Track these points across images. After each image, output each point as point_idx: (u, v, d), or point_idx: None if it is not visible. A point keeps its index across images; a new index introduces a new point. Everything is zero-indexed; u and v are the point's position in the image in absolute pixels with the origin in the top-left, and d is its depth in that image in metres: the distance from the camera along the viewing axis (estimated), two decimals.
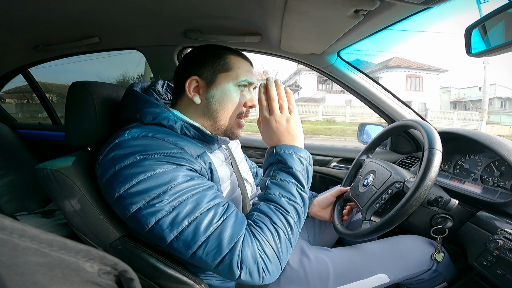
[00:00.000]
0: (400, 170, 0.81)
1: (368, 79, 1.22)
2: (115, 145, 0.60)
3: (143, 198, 0.54)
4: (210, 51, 0.72)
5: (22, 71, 1.66)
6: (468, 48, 0.66)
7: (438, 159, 0.68)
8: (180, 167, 0.57)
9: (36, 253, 0.17)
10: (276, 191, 0.63)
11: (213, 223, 0.55)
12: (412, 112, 1.23)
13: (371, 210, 0.80)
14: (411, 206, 0.67)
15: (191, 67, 0.71)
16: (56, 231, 1.31)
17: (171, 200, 0.54)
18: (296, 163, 0.64)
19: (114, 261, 0.20)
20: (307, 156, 0.67)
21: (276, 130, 0.66)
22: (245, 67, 0.72)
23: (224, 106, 0.70)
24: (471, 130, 0.90)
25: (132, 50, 1.31)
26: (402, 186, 0.75)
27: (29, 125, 1.92)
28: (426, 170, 0.67)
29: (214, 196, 0.58)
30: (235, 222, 0.57)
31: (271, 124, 0.66)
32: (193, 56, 0.73)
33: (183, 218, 0.54)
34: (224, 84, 0.70)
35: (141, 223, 0.55)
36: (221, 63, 0.70)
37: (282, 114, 0.67)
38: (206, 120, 0.72)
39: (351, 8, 0.68)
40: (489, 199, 0.79)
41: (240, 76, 0.70)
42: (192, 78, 0.70)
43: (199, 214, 0.54)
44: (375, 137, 1.01)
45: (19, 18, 0.98)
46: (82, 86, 0.72)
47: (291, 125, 0.66)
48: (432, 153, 0.68)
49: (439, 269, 0.83)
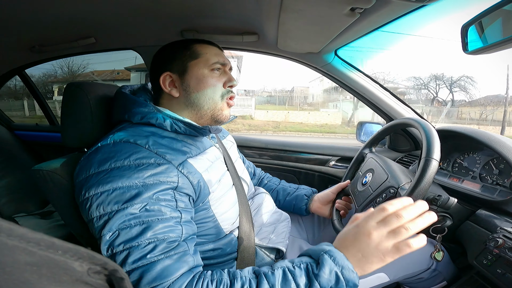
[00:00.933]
0: (397, 173, 0.79)
1: (366, 78, 1.21)
2: (96, 149, 0.61)
3: (99, 210, 0.55)
4: (176, 45, 0.74)
5: (18, 72, 1.66)
6: (464, 46, 0.66)
7: (433, 169, 0.66)
8: (148, 187, 0.56)
9: (24, 252, 0.17)
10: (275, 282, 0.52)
11: (143, 258, 0.52)
12: (410, 110, 1.23)
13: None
14: None
15: (161, 64, 0.73)
16: (53, 232, 1.31)
17: (120, 222, 0.53)
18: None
19: (104, 261, 0.20)
20: None
21: (374, 248, 0.50)
22: (213, 51, 0.74)
23: (202, 92, 0.71)
24: (470, 128, 0.90)
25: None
26: (396, 192, 0.74)
27: (26, 127, 1.91)
28: (418, 181, 0.65)
29: (165, 230, 0.54)
30: (169, 266, 0.52)
31: (372, 237, 0.50)
32: (161, 54, 0.75)
33: (121, 243, 0.52)
34: (197, 70, 0.71)
35: (92, 230, 0.57)
36: (188, 53, 0.72)
37: (398, 237, 0.50)
38: (191, 110, 0.73)
39: (347, 6, 0.68)
40: (488, 197, 0.78)
41: (210, 60, 0.72)
42: (165, 74, 0.72)
43: (136, 244, 0.52)
44: (379, 131, 0.99)
45: (15, 19, 0.97)
46: (77, 87, 0.72)
47: (392, 254, 0.50)
48: (427, 163, 0.66)
49: (438, 268, 0.83)
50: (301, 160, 1.45)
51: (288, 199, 1.02)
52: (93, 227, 0.56)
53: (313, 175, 1.41)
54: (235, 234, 0.75)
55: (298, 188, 1.05)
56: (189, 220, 0.61)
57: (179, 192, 0.60)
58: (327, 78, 1.29)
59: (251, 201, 0.85)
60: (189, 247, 0.57)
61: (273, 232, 0.83)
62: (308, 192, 1.02)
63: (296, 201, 1.01)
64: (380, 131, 0.98)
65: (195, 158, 0.67)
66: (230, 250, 0.73)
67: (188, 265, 0.55)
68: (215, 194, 0.69)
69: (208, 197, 0.67)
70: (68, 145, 0.73)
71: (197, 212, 0.66)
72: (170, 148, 0.63)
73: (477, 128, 0.95)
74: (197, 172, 0.64)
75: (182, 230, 0.57)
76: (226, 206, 0.72)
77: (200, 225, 0.67)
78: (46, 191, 0.68)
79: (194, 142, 0.71)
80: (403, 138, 1.26)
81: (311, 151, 1.45)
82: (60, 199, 0.67)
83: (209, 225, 0.69)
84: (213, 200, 0.69)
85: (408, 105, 1.23)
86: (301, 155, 1.46)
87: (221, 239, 0.71)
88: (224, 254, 0.72)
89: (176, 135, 0.68)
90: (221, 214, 0.71)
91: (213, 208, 0.69)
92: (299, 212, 1.00)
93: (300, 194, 1.01)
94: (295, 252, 0.85)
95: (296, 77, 42.42)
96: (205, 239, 0.69)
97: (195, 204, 0.65)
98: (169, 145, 0.64)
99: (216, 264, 0.71)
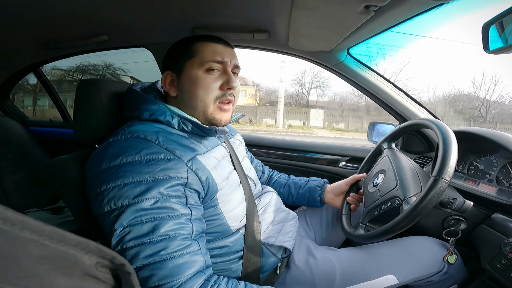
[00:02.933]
0: (408, 181, 0.75)
1: (379, 77, 1.19)
2: (107, 144, 0.61)
3: (109, 205, 0.55)
4: (180, 43, 0.73)
5: (33, 69, 1.70)
6: (485, 45, 0.65)
7: (440, 189, 0.63)
8: (158, 182, 0.56)
9: (36, 245, 0.17)
10: None
11: (156, 255, 0.52)
12: (425, 111, 1.20)
13: (370, 216, 0.78)
14: (401, 228, 0.66)
15: (165, 63, 0.74)
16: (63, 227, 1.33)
17: (131, 217, 0.53)
18: None
19: (112, 255, 0.20)
20: None
21: None
22: (211, 49, 0.70)
23: (194, 94, 0.69)
24: (487, 129, 0.87)
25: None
26: (400, 204, 0.72)
27: (40, 122, 1.96)
28: (421, 200, 0.63)
29: (176, 227, 0.55)
30: (180, 264, 0.53)
31: None
32: (168, 52, 0.75)
33: (131, 239, 0.53)
34: (190, 71, 0.69)
35: (103, 225, 0.57)
36: (187, 51, 0.71)
37: None
38: (187, 111, 0.71)
39: (362, 3, 0.66)
40: (505, 200, 0.76)
41: (205, 59, 0.69)
42: (166, 73, 0.72)
43: (147, 240, 0.52)
44: (400, 127, 0.94)
45: (29, 17, 1.00)
46: (90, 84, 0.73)
47: None
48: (435, 183, 0.64)
49: (450, 271, 0.81)
50: (310, 160, 1.44)
51: (301, 192, 1.02)
52: (103, 222, 0.57)
53: (322, 176, 1.40)
54: (242, 232, 0.75)
55: (309, 180, 1.05)
56: (199, 217, 0.61)
57: (189, 189, 0.60)
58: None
59: (258, 199, 0.85)
60: (201, 246, 0.58)
61: (280, 231, 0.83)
62: (320, 183, 1.01)
63: (309, 193, 1.00)
64: (401, 127, 0.93)
65: (203, 156, 0.67)
66: (236, 248, 0.73)
67: (199, 265, 0.55)
68: (222, 192, 0.69)
69: (216, 194, 0.67)
70: (80, 141, 0.74)
71: (206, 209, 0.66)
72: (179, 144, 0.63)
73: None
74: (206, 168, 0.64)
75: (193, 228, 0.58)
76: (233, 204, 0.72)
77: (207, 222, 0.67)
78: (57, 186, 0.69)
79: (201, 140, 0.71)
80: (417, 139, 1.23)
81: (320, 151, 1.44)
82: (71, 194, 0.68)
83: (216, 223, 0.69)
84: (221, 198, 0.69)
85: (423, 106, 1.20)
86: (310, 154, 1.44)
87: (228, 237, 0.71)
88: (230, 252, 0.72)
89: (183, 133, 0.68)
90: (228, 211, 0.70)
91: (221, 206, 0.69)
92: (313, 204, 1.00)
93: (313, 186, 1.01)
94: (302, 251, 0.84)
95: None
96: (212, 236, 0.69)
97: (204, 201, 0.65)
98: (178, 142, 0.64)
99: (222, 262, 0.71)
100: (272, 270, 0.81)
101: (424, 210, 0.63)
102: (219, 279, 0.58)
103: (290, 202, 1.05)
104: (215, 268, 0.70)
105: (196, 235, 0.58)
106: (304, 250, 0.85)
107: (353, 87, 1.26)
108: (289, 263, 0.84)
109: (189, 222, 0.58)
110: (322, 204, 0.99)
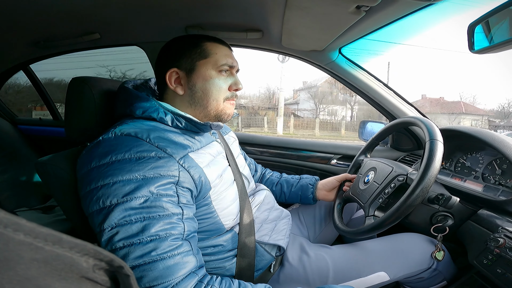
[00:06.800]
0: (401, 164, 0.82)
1: (370, 76, 1.21)
2: (98, 142, 0.60)
3: (98, 204, 0.54)
4: (186, 41, 0.73)
5: (23, 67, 1.66)
6: (470, 45, 0.66)
7: (440, 149, 0.68)
8: (148, 181, 0.55)
9: (30, 247, 0.16)
10: None
11: (145, 256, 0.51)
12: (414, 109, 1.22)
13: (374, 206, 0.79)
14: (418, 197, 0.66)
15: (169, 59, 0.72)
16: (55, 226, 1.32)
17: (120, 217, 0.52)
18: None
19: (110, 257, 0.20)
20: None
21: None
22: (223, 52, 0.73)
23: (208, 93, 0.71)
24: (474, 127, 0.90)
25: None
26: (405, 178, 0.74)
27: (30, 121, 1.92)
28: (430, 158, 0.66)
29: (166, 227, 0.54)
30: (171, 266, 0.52)
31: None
32: (169, 49, 0.74)
33: (121, 239, 0.52)
34: (204, 71, 0.70)
35: (92, 224, 0.56)
36: (198, 51, 0.71)
37: None
38: (194, 109, 0.72)
39: (353, 3, 0.67)
40: (490, 197, 0.78)
41: (219, 61, 0.71)
42: (172, 70, 0.71)
43: (137, 241, 0.51)
44: (373, 137, 1.02)
45: (20, 15, 0.97)
46: (82, 82, 0.72)
47: None
48: (434, 143, 0.68)
49: (439, 267, 0.83)
50: (302, 158, 1.45)
51: (293, 190, 1.04)
52: (92, 221, 0.56)
53: (314, 173, 1.41)
54: (236, 231, 0.75)
55: (301, 178, 1.07)
56: (191, 217, 0.61)
57: (181, 187, 0.59)
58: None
59: (252, 197, 0.85)
60: (192, 246, 0.57)
61: (273, 229, 0.84)
62: (312, 181, 1.04)
63: (301, 191, 1.02)
64: (374, 137, 1.02)
65: (197, 152, 0.67)
66: (230, 247, 0.73)
67: (191, 265, 0.55)
68: (216, 189, 0.69)
69: (209, 192, 0.67)
70: (72, 139, 0.73)
71: (198, 207, 0.66)
72: (171, 142, 0.63)
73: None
74: (198, 166, 0.64)
75: (184, 227, 0.57)
76: (227, 202, 0.72)
77: (201, 221, 0.66)
78: (49, 185, 0.68)
79: (196, 136, 0.71)
80: (406, 137, 1.25)
81: (313, 149, 1.45)
82: (62, 193, 0.67)
83: (210, 221, 0.68)
84: (214, 196, 0.68)
85: (411, 104, 1.23)
86: (303, 152, 1.46)
87: (222, 235, 0.71)
88: (224, 251, 0.72)
89: (177, 129, 0.68)
90: (222, 210, 0.70)
91: (214, 204, 0.69)
92: (306, 201, 1.03)
93: (305, 184, 1.03)
94: (295, 249, 0.85)
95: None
96: (205, 235, 0.69)
97: (196, 200, 0.65)
98: (170, 139, 0.63)
99: (216, 261, 0.71)
100: (266, 268, 0.81)
101: (434, 174, 0.65)
102: (212, 279, 0.57)
103: (283, 200, 1.06)
104: (208, 267, 0.70)
105: (187, 235, 0.57)
106: (298, 247, 0.86)
107: (345, 85, 1.27)
108: (283, 261, 0.84)
109: (181, 221, 0.57)
110: (315, 201, 1.02)
